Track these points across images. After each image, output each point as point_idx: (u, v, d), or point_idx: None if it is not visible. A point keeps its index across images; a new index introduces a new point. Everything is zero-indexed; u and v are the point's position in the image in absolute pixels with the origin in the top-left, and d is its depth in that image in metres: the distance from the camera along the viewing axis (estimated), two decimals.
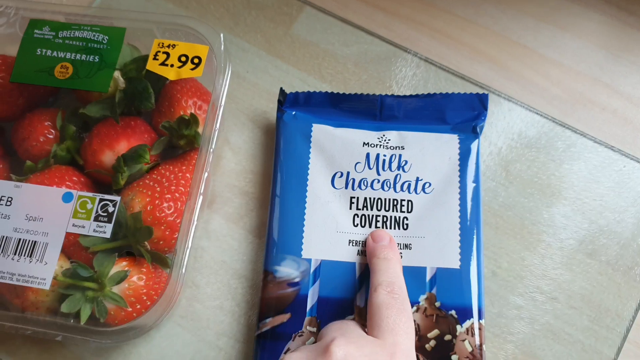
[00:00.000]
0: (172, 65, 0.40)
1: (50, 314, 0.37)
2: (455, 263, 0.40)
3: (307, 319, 0.39)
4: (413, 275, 0.40)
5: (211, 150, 0.40)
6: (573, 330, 0.40)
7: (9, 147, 0.43)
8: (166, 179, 0.40)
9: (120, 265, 0.37)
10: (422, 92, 0.46)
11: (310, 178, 0.42)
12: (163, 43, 0.41)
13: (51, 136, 0.41)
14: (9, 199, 0.38)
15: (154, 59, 0.41)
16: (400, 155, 0.42)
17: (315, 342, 0.38)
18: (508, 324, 0.40)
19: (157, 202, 0.39)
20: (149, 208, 0.38)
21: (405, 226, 0.41)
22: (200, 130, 0.41)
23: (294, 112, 0.44)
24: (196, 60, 0.41)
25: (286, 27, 0.50)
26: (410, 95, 0.45)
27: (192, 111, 0.41)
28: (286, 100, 0.45)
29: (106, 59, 0.41)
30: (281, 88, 0.45)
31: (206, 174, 0.40)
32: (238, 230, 0.44)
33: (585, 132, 0.45)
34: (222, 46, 0.41)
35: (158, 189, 0.39)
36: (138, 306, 0.37)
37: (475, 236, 0.40)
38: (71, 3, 0.51)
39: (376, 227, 0.41)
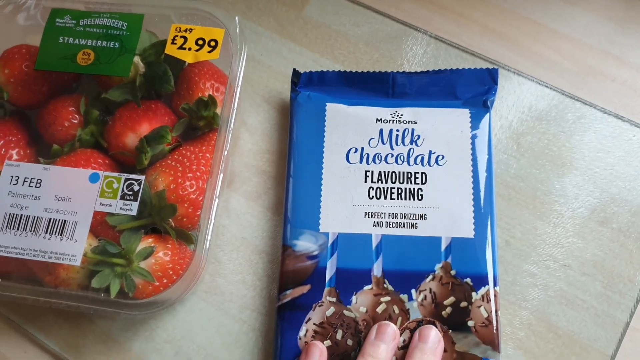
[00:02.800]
0: (189, 49, 0.42)
1: (81, 290, 0.39)
2: (469, 232, 0.41)
3: (326, 289, 0.40)
4: (428, 245, 0.41)
5: (230, 130, 0.41)
6: (586, 296, 0.41)
7: (35, 133, 0.44)
8: (187, 159, 0.41)
9: (147, 242, 0.39)
10: (433, 69, 0.47)
11: (326, 155, 0.44)
12: (180, 27, 0.42)
13: (75, 121, 0.43)
14: (39, 181, 0.40)
15: (172, 43, 0.42)
16: (413, 130, 0.44)
17: (335, 312, 0.39)
18: (522, 291, 0.42)
19: (179, 180, 0.40)
20: (172, 186, 0.40)
21: (420, 197, 0.42)
22: (218, 111, 0.42)
23: (307, 93, 0.46)
24: (213, 43, 0.42)
25: (298, 9, 0.51)
26: (422, 72, 0.46)
27: (210, 93, 0.43)
28: (300, 81, 0.46)
29: (126, 44, 0.42)
30: (294, 69, 0.46)
31: (226, 153, 0.41)
32: (257, 208, 0.45)
33: (595, 104, 0.46)
34: (238, 29, 0.42)
35: (180, 168, 0.41)
36: (165, 280, 0.39)
37: (488, 206, 0.41)
38: None
39: (391, 198, 0.42)
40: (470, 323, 0.39)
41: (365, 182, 0.43)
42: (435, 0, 0.50)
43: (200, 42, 0.42)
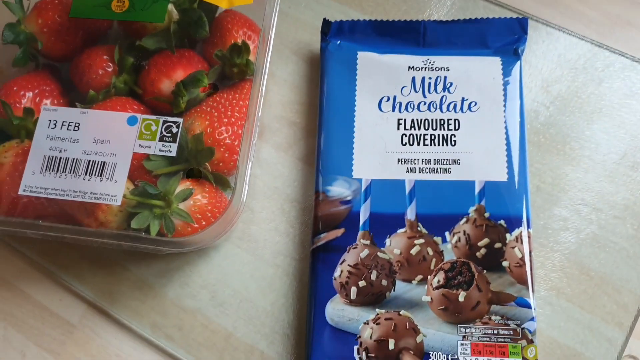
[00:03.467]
0: None
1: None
2: (502, 176, 0.41)
3: (360, 232, 0.41)
4: (462, 189, 0.41)
5: (265, 76, 0.41)
6: (617, 239, 0.42)
7: (66, 85, 0.45)
8: (222, 105, 0.42)
9: (185, 185, 0.39)
10: (463, 19, 0.47)
11: (358, 103, 0.44)
12: None
13: (109, 69, 0.43)
14: (77, 125, 0.40)
15: None
16: (445, 77, 0.44)
17: (369, 254, 0.40)
18: (554, 234, 0.42)
19: (215, 125, 0.40)
20: (208, 130, 0.40)
21: (453, 143, 0.42)
22: (251, 58, 0.43)
23: (338, 42, 0.46)
24: None
25: None
26: (452, 21, 0.46)
27: (243, 40, 0.43)
28: (330, 31, 0.46)
29: None
30: (324, 19, 0.46)
31: (262, 100, 0.41)
32: (287, 158, 0.46)
33: (623, 52, 0.46)
34: None
35: (215, 114, 0.41)
36: (203, 222, 0.39)
37: (520, 151, 0.42)
38: None
39: (424, 145, 0.43)
40: (505, 263, 0.40)
41: (398, 129, 0.43)
42: None
43: None
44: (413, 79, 0.44)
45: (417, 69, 0.44)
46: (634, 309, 0.40)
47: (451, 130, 0.43)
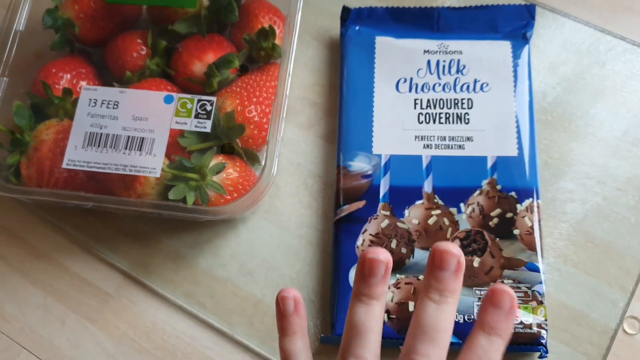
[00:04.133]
0: None
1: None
2: (513, 151, 0.44)
3: (380, 204, 0.44)
4: (475, 163, 0.44)
5: (292, 58, 0.44)
6: (620, 209, 0.45)
7: (101, 69, 0.47)
8: (250, 86, 0.44)
9: (218, 159, 0.42)
10: (475, 5, 0.50)
11: (376, 84, 0.47)
12: None
13: (143, 52, 0.46)
14: (116, 103, 0.43)
15: None
16: (458, 60, 0.47)
17: (389, 224, 0.43)
18: (561, 205, 0.45)
19: (245, 104, 0.43)
20: (239, 109, 0.43)
21: (466, 121, 0.45)
22: (277, 42, 0.45)
23: (357, 27, 0.49)
24: None
25: None
26: (465, 7, 0.49)
27: (270, 25, 0.46)
28: (349, 17, 0.49)
29: None
30: (344, 6, 0.49)
31: (289, 81, 0.44)
32: (310, 137, 0.49)
33: (624, 37, 0.49)
34: None
35: (245, 94, 0.44)
36: (235, 195, 0.42)
37: (530, 127, 0.45)
38: None
39: (440, 122, 0.45)
40: (516, 231, 0.42)
41: (415, 108, 0.46)
42: None
43: None
44: (428, 62, 0.47)
45: (432, 52, 0.47)
46: (635, 274, 0.43)
47: (464, 109, 0.46)
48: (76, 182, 0.43)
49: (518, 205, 0.43)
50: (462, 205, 0.44)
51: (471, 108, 0.46)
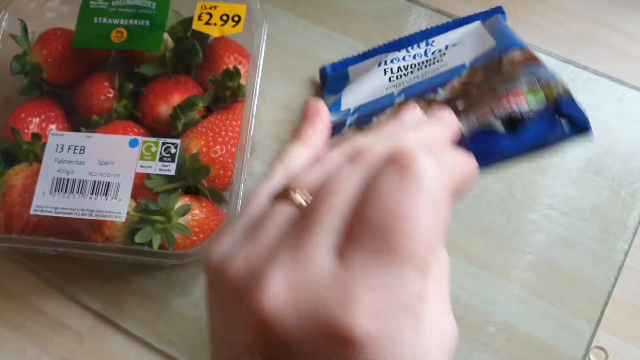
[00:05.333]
0: (215, 24, 0.45)
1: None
2: (490, 43, 0.40)
3: (345, 129, 0.40)
4: (452, 72, 0.40)
5: (255, 97, 0.45)
6: (585, 239, 0.45)
7: (71, 110, 0.48)
8: (216, 125, 0.45)
9: (184, 201, 0.43)
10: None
11: (350, 79, 0.47)
12: (205, 5, 0.46)
13: (110, 95, 0.47)
14: (82, 148, 0.43)
15: (199, 19, 0.46)
16: (427, 41, 0.46)
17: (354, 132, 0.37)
18: (526, 237, 0.45)
19: (210, 144, 0.44)
20: (204, 150, 0.44)
21: (441, 60, 0.42)
22: (242, 82, 0.46)
23: (332, 76, 0.49)
24: (236, 18, 0.46)
25: None
26: (432, 27, 0.48)
27: (234, 65, 0.46)
28: (326, 74, 0.50)
29: (155, 22, 0.46)
30: (320, 68, 0.50)
31: (253, 120, 0.44)
32: None
33: (587, 66, 0.50)
34: (259, 4, 0.46)
35: (210, 134, 0.44)
36: (201, 235, 0.43)
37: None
38: None
39: (412, 73, 0.43)
40: (505, 66, 0.36)
41: (385, 74, 0.44)
42: None
43: (224, 17, 0.46)
44: (399, 45, 0.47)
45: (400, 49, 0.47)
46: (600, 304, 0.43)
47: (437, 59, 0.43)
48: (46, 226, 0.44)
49: (504, 55, 0.37)
50: (439, 89, 0.37)
51: (444, 56, 0.43)
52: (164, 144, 0.43)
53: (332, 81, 0.49)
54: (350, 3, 0.53)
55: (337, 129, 0.40)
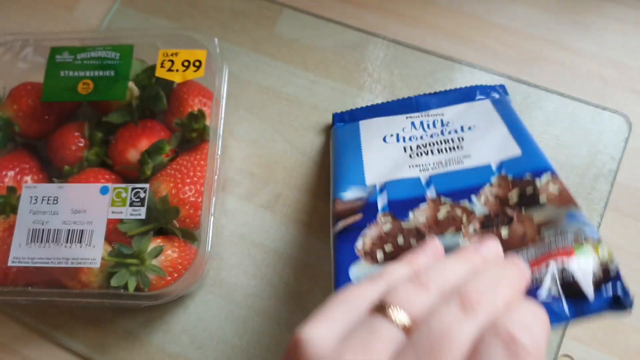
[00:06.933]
0: (177, 70, 0.47)
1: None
2: (516, 151, 0.42)
3: (379, 214, 0.41)
4: (480, 170, 0.41)
5: (220, 137, 0.47)
6: None
7: (44, 160, 0.50)
8: (184, 167, 0.47)
9: (156, 242, 0.44)
10: (394, 69, 0.52)
11: (363, 140, 0.47)
12: (167, 52, 0.48)
13: (81, 144, 0.48)
14: (55, 198, 0.45)
15: (161, 67, 0.48)
16: (442, 120, 0.47)
17: (392, 227, 0.39)
18: None
19: (179, 186, 0.45)
20: (173, 192, 0.45)
21: (461, 147, 0.44)
22: (208, 123, 0.48)
23: (342, 124, 0.51)
24: (197, 64, 0.48)
25: (269, 28, 0.57)
26: (440, 92, 0.50)
27: (199, 107, 0.48)
28: (334, 121, 0.51)
29: (120, 72, 0.48)
30: (333, 114, 0.52)
31: (218, 158, 0.46)
32: (250, 207, 0.51)
33: (538, 84, 0.52)
34: (218, 49, 0.48)
35: (179, 175, 0.46)
36: (175, 275, 0.44)
37: (524, 130, 0.44)
38: (81, 29, 0.58)
39: (432, 154, 0.44)
40: (542, 199, 0.37)
41: (405, 151, 0.45)
42: (391, 8, 0.56)
43: (185, 63, 0.47)
44: (412, 122, 0.48)
45: (414, 117, 0.48)
46: None
47: (456, 143, 0.45)
48: (26, 275, 0.45)
49: (537, 180, 0.38)
50: (473, 196, 0.39)
51: (463, 140, 0.45)
52: (133, 189, 0.45)
53: (342, 132, 0.50)
54: (310, 39, 0.56)
55: (368, 209, 0.41)
